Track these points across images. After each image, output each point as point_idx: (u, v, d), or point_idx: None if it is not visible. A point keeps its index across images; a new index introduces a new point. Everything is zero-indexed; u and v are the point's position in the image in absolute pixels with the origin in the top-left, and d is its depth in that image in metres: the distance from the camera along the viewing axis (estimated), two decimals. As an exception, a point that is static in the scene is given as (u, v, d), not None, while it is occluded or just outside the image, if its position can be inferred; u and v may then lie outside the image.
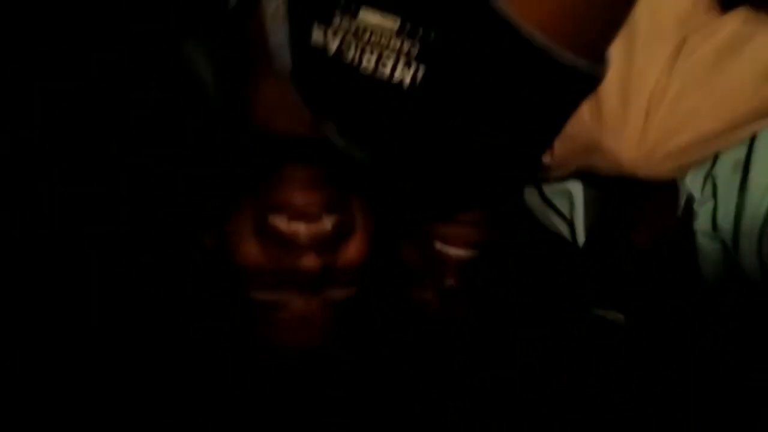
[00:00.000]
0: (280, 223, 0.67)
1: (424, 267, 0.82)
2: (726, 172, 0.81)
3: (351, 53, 0.68)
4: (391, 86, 0.68)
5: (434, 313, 0.85)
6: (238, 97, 0.72)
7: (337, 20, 0.67)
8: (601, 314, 0.84)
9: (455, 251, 0.81)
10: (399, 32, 0.66)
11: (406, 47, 0.67)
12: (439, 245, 0.81)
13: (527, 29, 0.61)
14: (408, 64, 0.67)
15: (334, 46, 0.68)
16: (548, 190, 0.94)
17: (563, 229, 0.96)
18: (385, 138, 0.72)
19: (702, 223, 0.82)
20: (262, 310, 0.71)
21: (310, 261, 0.68)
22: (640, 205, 0.87)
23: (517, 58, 0.62)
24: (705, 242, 0.81)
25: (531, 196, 0.96)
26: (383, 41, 0.67)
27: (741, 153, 0.79)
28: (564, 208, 0.94)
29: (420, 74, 0.67)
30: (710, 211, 0.82)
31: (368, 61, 0.68)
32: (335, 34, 0.68)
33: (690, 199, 0.83)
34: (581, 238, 0.92)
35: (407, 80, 0.68)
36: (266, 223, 0.67)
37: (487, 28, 0.65)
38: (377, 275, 0.81)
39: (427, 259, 0.82)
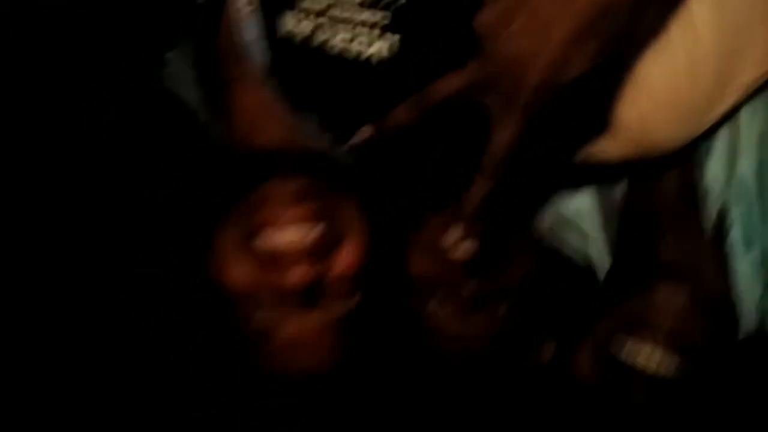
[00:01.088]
0: (266, 237, 0.64)
1: (437, 276, 0.75)
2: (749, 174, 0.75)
3: (323, 34, 0.67)
4: (367, 61, 0.66)
5: (451, 332, 0.76)
6: (221, 107, 0.71)
7: (306, 2, 0.66)
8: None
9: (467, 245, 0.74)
10: (367, 3, 0.65)
11: (376, 18, 0.65)
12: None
13: None
14: (380, 36, 0.66)
15: (305, 30, 0.67)
16: (559, 209, 0.88)
17: (579, 247, 0.88)
18: (369, 120, 0.69)
19: (735, 236, 0.75)
20: (257, 334, 0.66)
21: (299, 271, 0.62)
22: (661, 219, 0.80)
23: None
24: (739, 256, 0.73)
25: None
26: (352, 15, 0.66)
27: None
28: (579, 228, 0.88)
29: (394, 45, 0.66)
30: (743, 219, 0.75)
31: (341, 39, 0.66)
32: (305, 17, 0.67)
33: (722, 212, 0.76)
34: (602, 265, 0.84)
35: (384, 52, 0.66)
36: (254, 239, 0.64)
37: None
38: (388, 292, 0.75)
39: (439, 266, 0.75)
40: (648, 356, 0.66)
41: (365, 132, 0.64)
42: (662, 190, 0.75)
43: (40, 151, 0.71)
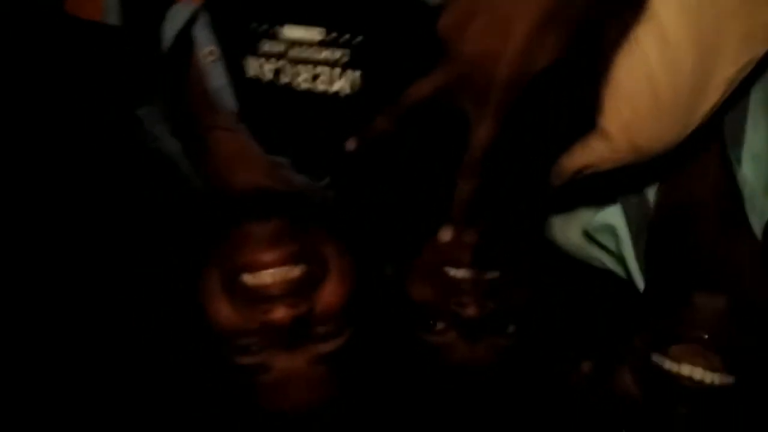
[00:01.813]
0: (248, 278, 0.64)
1: (440, 301, 0.74)
2: None
3: (286, 75, 0.67)
4: (331, 98, 0.67)
5: (457, 359, 0.76)
6: (198, 154, 0.72)
7: (265, 46, 0.67)
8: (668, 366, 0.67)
9: (471, 272, 0.72)
10: (325, 43, 0.66)
11: (336, 56, 0.66)
12: (451, 270, 0.73)
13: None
14: (342, 73, 0.66)
15: (268, 72, 0.68)
16: (587, 226, 0.86)
17: (612, 266, 0.87)
18: (340, 158, 0.69)
19: None
20: (247, 375, 0.67)
21: (281, 311, 0.63)
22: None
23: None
24: None
25: (565, 233, 0.88)
26: (312, 55, 0.66)
27: None
28: (610, 245, 0.86)
29: (356, 80, 0.66)
30: None
31: (303, 79, 0.67)
32: (267, 60, 0.67)
33: None
34: (637, 275, 0.82)
35: (346, 89, 0.66)
36: (235, 282, 0.64)
37: (409, 18, 0.64)
38: (383, 325, 0.76)
39: (442, 290, 0.74)
40: (691, 366, 0.63)
41: (352, 143, 0.63)
42: (696, 196, 0.73)
43: (34, 210, 0.73)
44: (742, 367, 0.63)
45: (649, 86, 0.62)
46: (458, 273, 0.73)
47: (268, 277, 0.64)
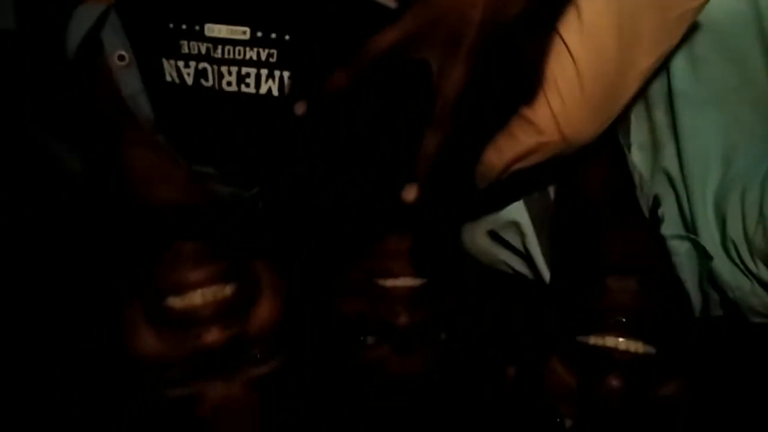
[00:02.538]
0: (175, 301, 0.59)
1: (371, 313, 0.72)
2: (672, 166, 0.76)
3: (209, 77, 0.63)
4: (259, 101, 0.63)
5: (390, 372, 0.74)
6: (110, 173, 0.66)
7: (185, 48, 0.63)
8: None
9: (403, 281, 0.72)
10: (252, 42, 0.62)
11: (263, 56, 0.62)
12: (382, 281, 0.72)
13: None
14: (271, 74, 0.63)
15: (190, 75, 0.63)
16: (493, 225, 0.87)
17: (519, 265, 0.88)
18: (270, 164, 0.65)
19: (669, 225, 0.76)
20: (178, 410, 0.61)
21: (214, 334, 0.58)
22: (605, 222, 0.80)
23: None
24: (676, 245, 0.74)
25: (472, 238, 0.89)
26: (238, 56, 0.62)
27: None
28: (515, 242, 0.87)
29: (286, 81, 0.63)
30: (673, 208, 0.76)
31: (229, 81, 0.63)
32: (188, 62, 0.63)
33: (656, 202, 0.77)
34: (544, 269, 0.84)
35: (275, 90, 0.63)
36: (159, 307, 0.59)
37: (340, 14, 0.62)
38: (314, 347, 0.73)
39: (373, 303, 0.72)
40: (616, 338, 0.66)
41: (301, 106, 0.57)
42: (592, 186, 0.76)
43: None
44: (662, 338, 0.67)
45: (576, 76, 0.63)
46: (389, 282, 0.72)
47: (197, 297, 0.60)
